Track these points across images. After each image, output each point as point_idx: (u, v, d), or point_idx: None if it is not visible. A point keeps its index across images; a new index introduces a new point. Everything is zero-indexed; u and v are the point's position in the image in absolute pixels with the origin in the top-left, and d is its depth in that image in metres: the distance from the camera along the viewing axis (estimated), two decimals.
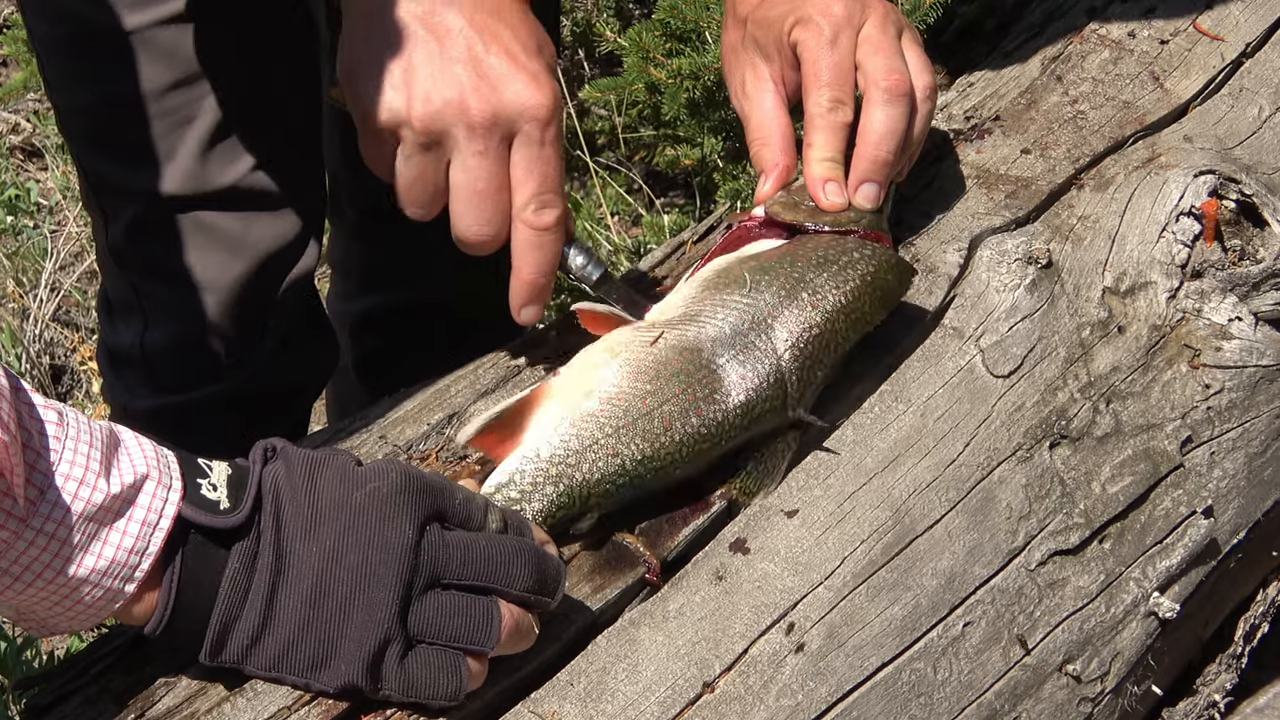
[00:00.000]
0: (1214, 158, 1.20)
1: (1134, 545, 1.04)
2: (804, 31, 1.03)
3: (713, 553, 0.93)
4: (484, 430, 0.90)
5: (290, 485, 0.77)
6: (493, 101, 0.93)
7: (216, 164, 1.25)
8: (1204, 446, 1.09)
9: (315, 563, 0.76)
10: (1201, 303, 1.13)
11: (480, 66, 0.93)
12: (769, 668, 0.88)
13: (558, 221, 0.96)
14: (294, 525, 0.77)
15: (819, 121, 1.03)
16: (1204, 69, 1.29)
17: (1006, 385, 1.04)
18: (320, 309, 1.50)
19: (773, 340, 0.94)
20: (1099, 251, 1.14)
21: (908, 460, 0.99)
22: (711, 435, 0.92)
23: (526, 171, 0.95)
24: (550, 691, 0.85)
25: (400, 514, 0.78)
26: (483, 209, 0.95)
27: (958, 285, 1.09)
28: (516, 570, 0.79)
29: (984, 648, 0.95)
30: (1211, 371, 1.11)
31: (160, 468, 0.74)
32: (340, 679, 0.77)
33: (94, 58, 1.23)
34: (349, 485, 0.78)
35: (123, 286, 1.36)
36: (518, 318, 1.00)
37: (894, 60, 1.03)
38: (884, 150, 1.03)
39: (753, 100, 1.07)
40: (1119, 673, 1.01)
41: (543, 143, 0.94)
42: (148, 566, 0.73)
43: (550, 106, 0.94)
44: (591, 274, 1.02)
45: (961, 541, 0.97)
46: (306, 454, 0.79)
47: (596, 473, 0.89)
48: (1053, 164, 1.20)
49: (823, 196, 1.03)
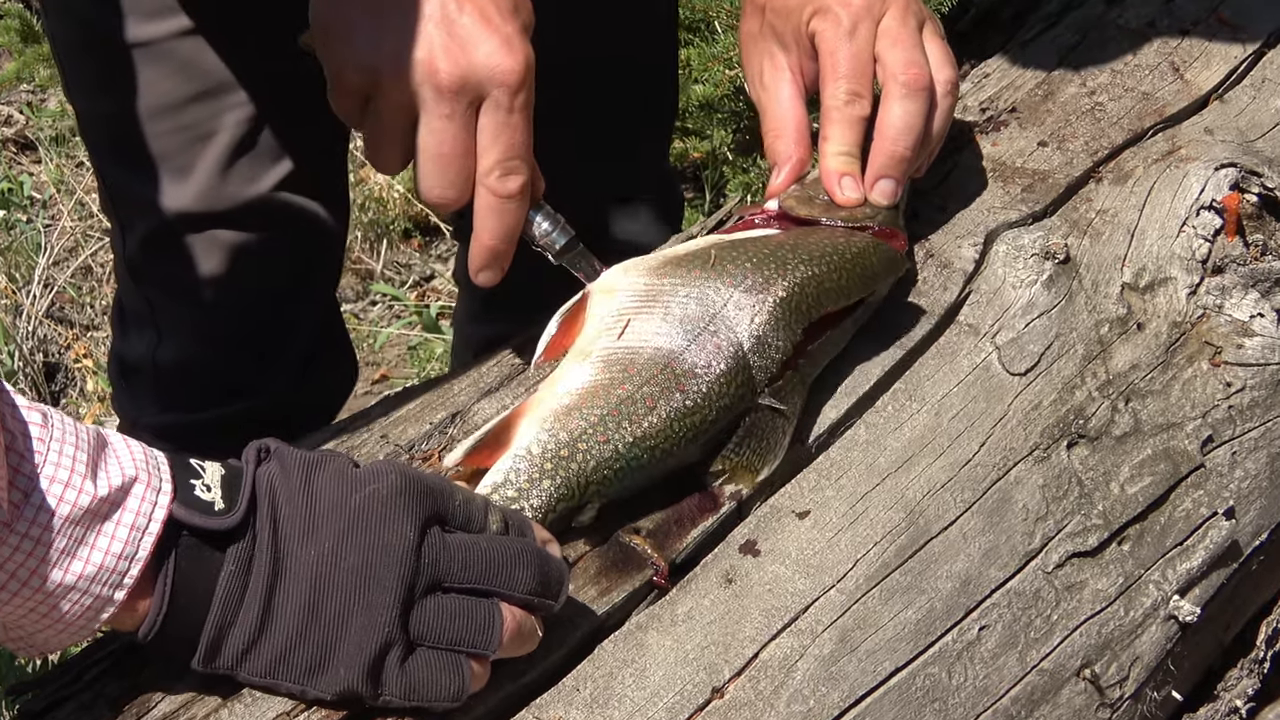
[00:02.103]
0: (1235, 150, 1.17)
1: (1154, 547, 1.02)
2: (822, 22, 1.01)
3: (722, 555, 0.91)
4: (470, 454, 0.89)
5: (287, 487, 0.75)
6: (461, 64, 0.91)
7: (236, 181, 1.23)
8: (1225, 446, 1.07)
9: (313, 565, 0.74)
10: (1223, 299, 1.11)
11: (452, 26, 0.91)
12: (780, 672, 0.86)
13: (521, 189, 0.95)
14: (291, 527, 0.75)
15: (835, 114, 1.01)
16: (1225, 60, 1.27)
17: (1023, 383, 1.02)
18: (341, 330, 1.48)
19: (739, 308, 0.93)
20: (1118, 246, 1.12)
21: (922, 460, 0.97)
22: (699, 408, 0.90)
23: (493, 137, 0.93)
24: (556, 697, 0.84)
25: (400, 516, 0.76)
26: (446, 172, 0.94)
27: (973, 281, 1.07)
28: (519, 572, 0.78)
29: (1000, 652, 0.93)
30: (1233, 369, 1.09)
31: (150, 469, 0.72)
32: (339, 684, 0.75)
33: (113, 64, 1.21)
34: (347, 487, 0.77)
35: (137, 299, 1.35)
36: (475, 280, 0.98)
37: (913, 53, 1.01)
38: (901, 146, 1.01)
39: (769, 91, 1.06)
40: (1138, 678, 1.00)
41: (511, 109, 0.92)
42: (137, 572, 0.71)
43: (520, 72, 0.92)
44: (556, 241, 1.01)
45: (977, 543, 0.95)
46: (302, 455, 0.78)
47: (591, 460, 0.88)
48: (1070, 157, 1.18)
49: (838, 191, 1.01)
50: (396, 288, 2.63)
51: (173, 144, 1.21)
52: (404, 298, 2.61)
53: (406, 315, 2.58)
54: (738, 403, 0.92)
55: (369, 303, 2.63)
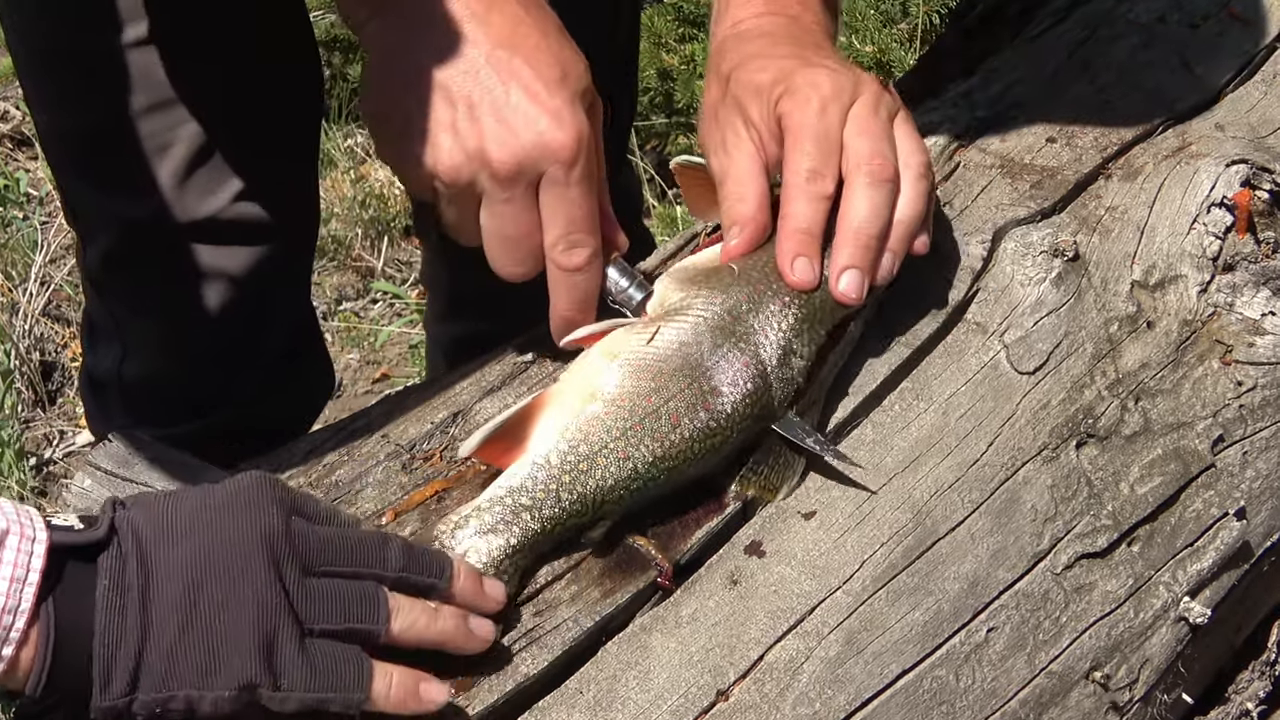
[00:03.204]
0: (1246, 146, 1.16)
1: (1164, 548, 1.01)
2: (790, 102, 0.97)
3: (727, 556, 0.90)
4: (486, 442, 0.88)
5: (142, 504, 0.76)
6: (514, 149, 0.91)
7: (195, 193, 1.21)
8: (1236, 446, 1.06)
9: (184, 560, 0.74)
10: (1233, 297, 1.10)
11: (500, 111, 0.91)
12: (785, 675, 0.86)
13: (586, 262, 0.95)
14: (153, 530, 0.74)
15: (796, 191, 0.95)
16: (1236, 54, 1.26)
17: (1031, 382, 1.01)
18: (316, 339, 1.46)
19: (767, 319, 0.92)
20: (1127, 244, 1.10)
21: (929, 460, 0.96)
22: (721, 430, 0.89)
23: (553, 213, 0.93)
24: (558, 700, 0.83)
25: (265, 504, 0.76)
26: (514, 252, 0.95)
27: (981, 279, 1.06)
28: (387, 552, 0.78)
29: (1008, 654, 0.92)
30: (1244, 368, 1.08)
31: (22, 521, 0.71)
32: (236, 678, 0.73)
33: (67, 79, 1.20)
34: (207, 492, 0.77)
35: (102, 312, 1.33)
36: (556, 342, 0.98)
37: (880, 144, 0.96)
38: (865, 235, 0.94)
39: (732, 158, 1.00)
40: (1148, 680, 0.99)
41: (568, 183, 0.92)
42: (23, 625, 0.70)
43: (573, 146, 0.91)
44: (633, 298, 0.99)
45: (985, 544, 0.94)
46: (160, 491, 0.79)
47: (610, 479, 0.87)
48: (1079, 153, 1.17)
49: (790, 271, 0.95)
50: (398, 285, 2.62)
51: (130, 156, 1.20)
52: (405, 295, 2.59)
53: (408, 313, 2.57)
54: (758, 422, 0.91)
55: (369, 301, 2.62)
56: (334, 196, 2.64)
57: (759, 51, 1.02)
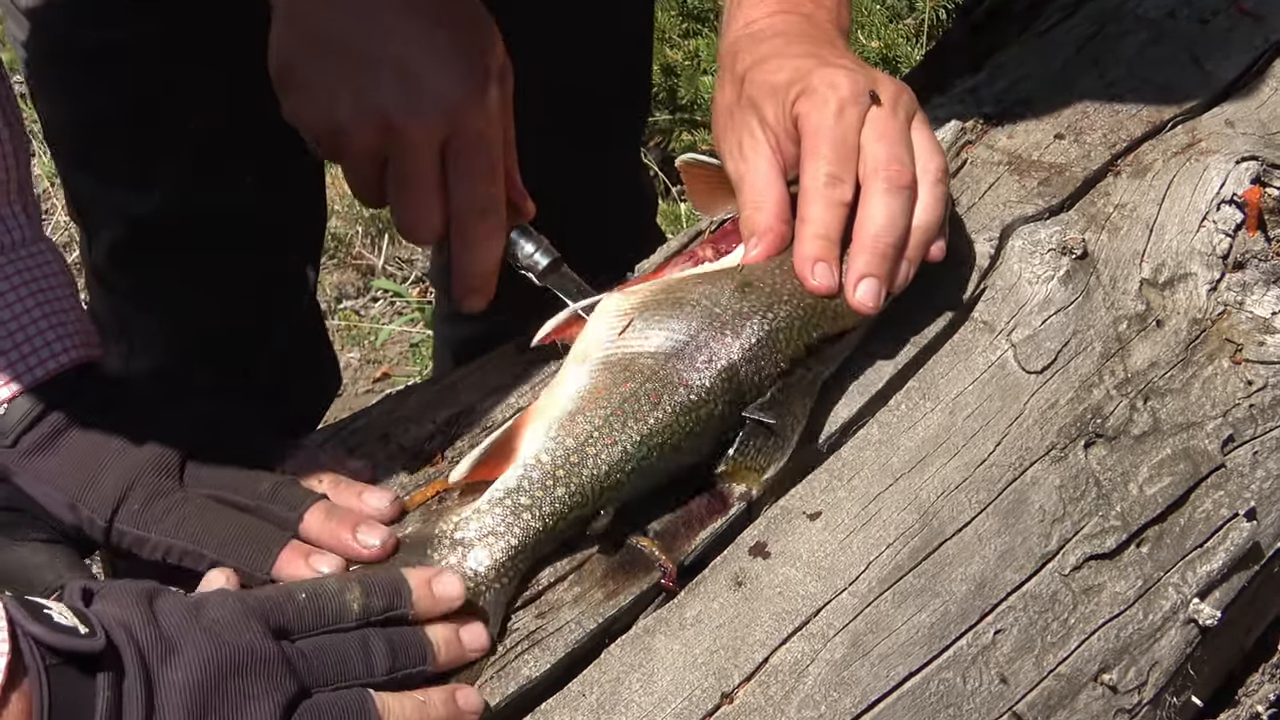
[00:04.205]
0: (1257, 143, 1.15)
1: (1173, 549, 1.00)
2: (807, 103, 0.95)
3: (731, 557, 0.89)
4: (475, 467, 0.87)
5: (136, 613, 0.72)
6: (419, 109, 0.90)
7: (200, 189, 1.21)
8: (1246, 446, 1.05)
9: (184, 688, 0.70)
10: (1244, 295, 1.09)
11: (404, 72, 0.90)
12: (790, 678, 0.85)
13: (492, 227, 0.95)
14: (151, 652, 0.71)
15: (815, 195, 0.94)
16: (1246, 50, 1.25)
17: (1039, 382, 1.00)
18: (321, 337, 1.45)
19: (753, 297, 0.92)
20: (1136, 241, 1.09)
21: (936, 460, 0.95)
22: (704, 402, 0.89)
23: (459, 177, 0.93)
24: (561, 702, 0.82)
25: (254, 630, 0.74)
26: (419, 215, 0.94)
27: (988, 277, 1.05)
28: (372, 658, 0.77)
29: (1015, 656, 0.92)
30: (1254, 367, 1.07)
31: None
32: None
33: (70, 73, 1.19)
34: (189, 610, 0.74)
35: (106, 308, 1.33)
36: (460, 306, 0.98)
37: (897, 149, 0.94)
38: (883, 242, 0.93)
39: (749, 163, 0.99)
40: (1157, 682, 0.98)
41: (473, 147, 0.92)
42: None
43: (477, 109, 0.91)
44: (539, 263, 1.00)
45: (992, 545, 0.93)
46: (124, 585, 0.74)
47: (602, 465, 0.86)
48: (1088, 149, 1.16)
49: (810, 277, 0.93)
50: (398, 283, 2.61)
51: (135, 152, 1.20)
52: (406, 294, 2.59)
53: (409, 312, 2.56)
54: (743, 396, 0.91)
55: (370, 299, 2.62)
56: (334, 194, 2.63)
57: (774, 51, 1.01)
